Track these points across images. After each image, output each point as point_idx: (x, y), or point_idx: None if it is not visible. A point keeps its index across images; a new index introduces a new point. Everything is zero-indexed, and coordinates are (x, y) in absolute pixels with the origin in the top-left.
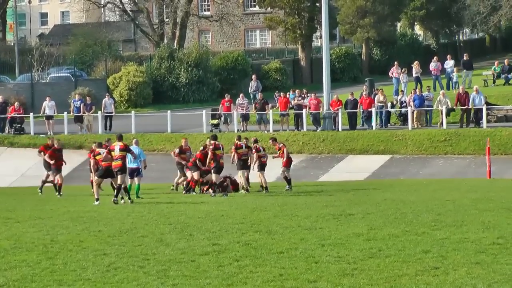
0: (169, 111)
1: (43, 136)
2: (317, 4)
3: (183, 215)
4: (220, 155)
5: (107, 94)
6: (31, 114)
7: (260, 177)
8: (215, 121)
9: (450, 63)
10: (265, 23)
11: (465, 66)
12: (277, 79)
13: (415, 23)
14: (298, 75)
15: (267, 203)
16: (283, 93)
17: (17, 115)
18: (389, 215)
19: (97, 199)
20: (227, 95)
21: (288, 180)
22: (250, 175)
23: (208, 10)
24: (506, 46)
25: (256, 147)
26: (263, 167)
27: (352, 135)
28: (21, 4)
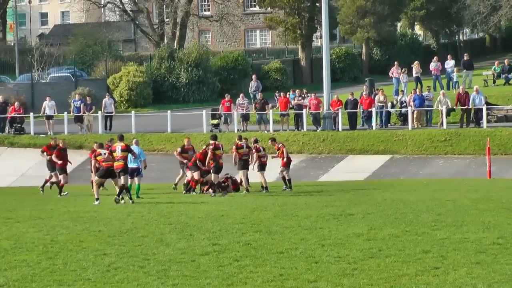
0: (169, 111)
1: (43, 136)
2: (317, 4)
3: (183, 215)
4: (219, 155)
5: (107, 94)
6: (31, 114)
7: (260, 177)
8: (215, 121)
9: (450, 63)
10: (265, 23)
11: (466, 66)
12: (277, 79)
13: (415, 23)
14: (298, 75)
15: (267, 203)
16: (283, 93)
17: (17, 115)
18: (389, 215)
19: (97, 199)
20: (227, 95)
21: (288, 180)
22: (250, 175)
23: (208, 10)
24: (506, 46)
25: (256, 147)
26: (263, 167)
27: (352, 135)
28: (21, 4)
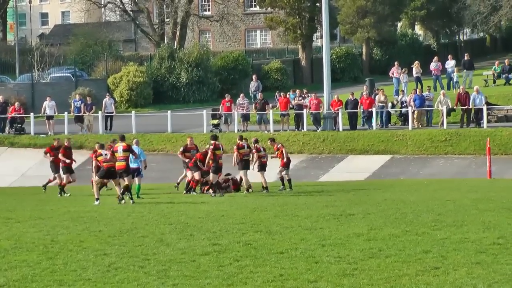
0: (169, 111)
1: (44, 136)
2: (318, 4)
3: (184, 215)
4: (219, 155)
5: (108, 94)
6: (32, 114)
7: (260, 177)
8: (216, 121)
9: (451, 63)
10: (265, 23)
11: (466, 66)
12: (278, 79)
13: (416, 23)
14: (298, 75)
15: (267, 203)
16: (284, 93)
17: (17, 115)
18: (390, 215)
19: (97, 199)
20: (227, 95)
21: (288, 180)
22: (250, 175)
23: (208, 10)
24: (506, 46)
25: (256, 147)
26: (263, 167)
27: (352, 135)
28: (22, 4)
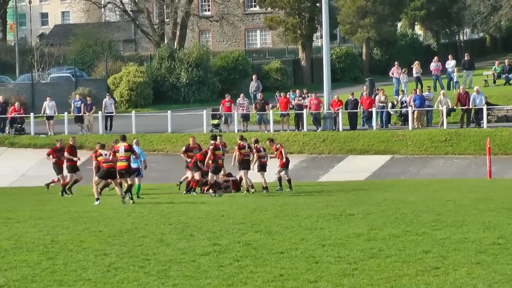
0: (169, 111)
1: (44, 136)
2: (318, 4)
3: (184, 215)
4: (219, 155)
5: (108, 94)
6: (32, 114)
7: (260, 178)
8: (216, 121)
9: (451, 63)
10: (265, 23)
11: (466, 66)
12: (278, 79)
13: (416, 23)
14: (298, 75)
15: (267, 203)
16: (284, 93)
17: (17, 115)
18: (390, 215)
19: (97, 199)
20: (227, 95)
21: (288, 180)
22: (250, 175)
23: (208, 10)
24: (506, 46)
25: (256, 147)
26: (263, 167)
27: (352, 135)
28: (22, 4)
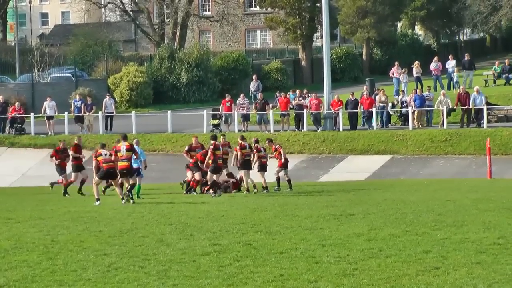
0: (169, 111)
1: (44, 136)
2: (318, 4)
3: (184, 215)
4: (219, 155)
5: (108, 94)
6: (32, 114)
7: (260, 177)
8: (216, 121)
9: (451, 63)
10: (265, 23)
11: (466, 66)
12: (278, 79)
13: (416, 23)
14: (298, 75)
15: (267, 204)
16: (284, 93)
17: (17, 115)
18: (390, 215)
19: (97, 200)
20: (227, 95)
21: (287, 180)
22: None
23: (208, 10)
24: (506, 46)
25: (256, 147)
26: (263, 167)
27: (352, 135)
28: (22, 4)
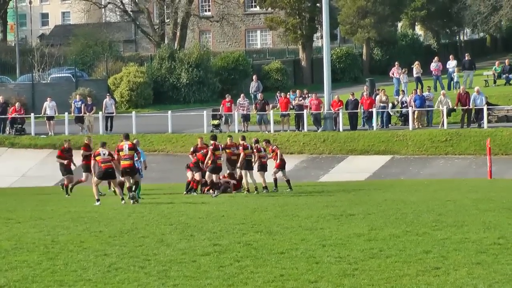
0: (169, 112)
1: (44, 136)
2: (318, 4)
3: (184, 215)
4: (218, 155)
5: (108, 94)
6: (32, 114)
7: (260, 178)
8: (216, 122)
9: (452, 63)
10: (265, 23)
11: (466, 66)
12: (278, 79)
13: (416, 23)
14: (298, 76)
15: (267, 204)
16: (284, 93)
17: (17, 116)
18: (390, 215)
19: (97, 200)
20: (227, 96)
21: (286, 181)
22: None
23: (208, 10)
24: (506, 46)
25: (256, 147)
26: (263, 167)
27: (352, 135)
28: (22, 4)
